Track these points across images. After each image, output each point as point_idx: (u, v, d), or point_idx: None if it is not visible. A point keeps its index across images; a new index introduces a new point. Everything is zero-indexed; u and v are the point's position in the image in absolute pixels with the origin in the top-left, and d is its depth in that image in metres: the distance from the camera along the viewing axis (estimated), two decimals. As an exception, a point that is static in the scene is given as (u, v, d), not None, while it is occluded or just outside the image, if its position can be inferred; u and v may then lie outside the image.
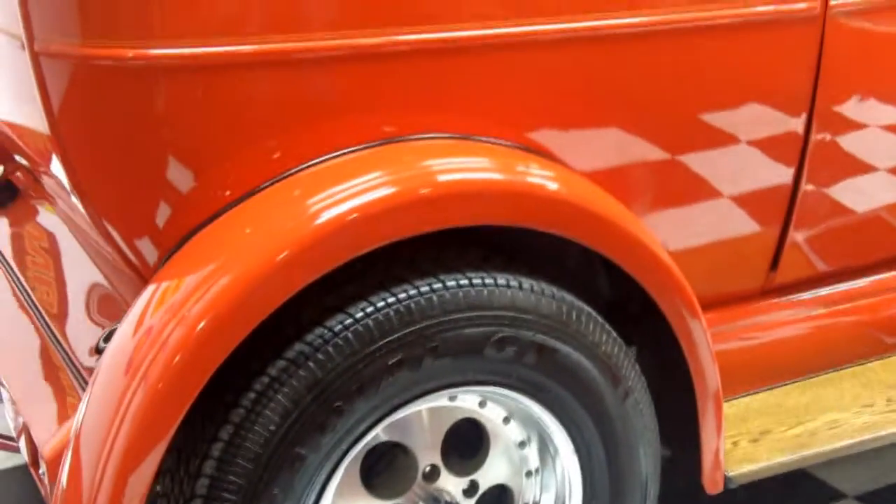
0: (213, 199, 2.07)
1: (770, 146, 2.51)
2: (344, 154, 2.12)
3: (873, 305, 2.86)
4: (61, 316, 2.70)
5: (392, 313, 1.98)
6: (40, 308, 2.73)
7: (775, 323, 2.74)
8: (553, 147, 2.29)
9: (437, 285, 2.02)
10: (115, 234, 2.11)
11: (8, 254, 3.06)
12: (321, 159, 2.10)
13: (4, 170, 3.16)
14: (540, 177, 2.18)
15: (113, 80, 1.97)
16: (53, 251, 2.99)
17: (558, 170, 2.24)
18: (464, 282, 2.05)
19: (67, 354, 2.50)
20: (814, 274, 2.77)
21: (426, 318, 2.00)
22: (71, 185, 2.09)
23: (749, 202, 2.55)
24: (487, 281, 2.07)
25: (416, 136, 2.17)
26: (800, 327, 2.78)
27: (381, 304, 1.99)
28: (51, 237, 3.01)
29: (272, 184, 2.08)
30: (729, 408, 2.64)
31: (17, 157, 2.96)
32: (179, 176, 2.04)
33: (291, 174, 2.09)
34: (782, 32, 2.43)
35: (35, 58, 1.97)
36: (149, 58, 1.93)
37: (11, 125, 2.55)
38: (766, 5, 2.39)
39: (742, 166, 2.51)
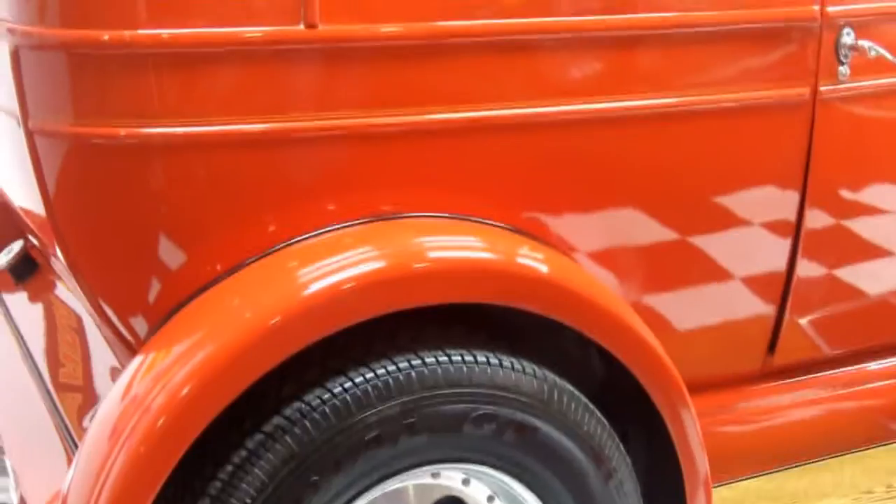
0: (204, 273, 2.12)
1: (764, 229, 2.53)
2: (334, 229, 2.16)
3: (876, 391, 2.85)
4: (66, 387, 2.75)
5: (370, 388, 2.01)
6: (46, 379, 2.78)
7: (774, 407, 2.73)
8: (546, 228, 2.32)
9: (416, 361, 2.05)
10: (109, 311, 2.16)
11: (24, 327, 3.12)
12: (312, 234, 2.15)
13: (24, 244, 3.23)
14: (528, 258, 2.21)
15: (105, 159, 2.02)
16: (68, 325, 3.04)
17: (547, 252, 2.26)
18: (443, 358, 2.07)
19: (67, 426, 2.54)
20: (813, 357, 2.76)
21: (403, 393, 2.02)
22: (66, 263, 2.14)
23: (745, 284, 2.56)
24: (467, 358, 2.08)
25: (408, 215, 2.21)
26: (799, 412, 2.76)
27: (358, 379, 2.01)
28: (66, 311, 3.07)
29: (262, 257, 2.12)
30: (727, 491, 2.63)
31: (30, 235, 3.03)
32: (171, 252, 2.09)
33: (282, 248, 2.13)
34: (773, 118, 2.46)
35: (30, 135, 2.03)
36: (141, 136, 1.99)
37: (20, 204, 2.62)
38: (756, 91, 2.41)
39: (737, 249, 2.52)
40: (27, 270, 3.25)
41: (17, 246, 3.16)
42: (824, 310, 2.69)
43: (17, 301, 3.25)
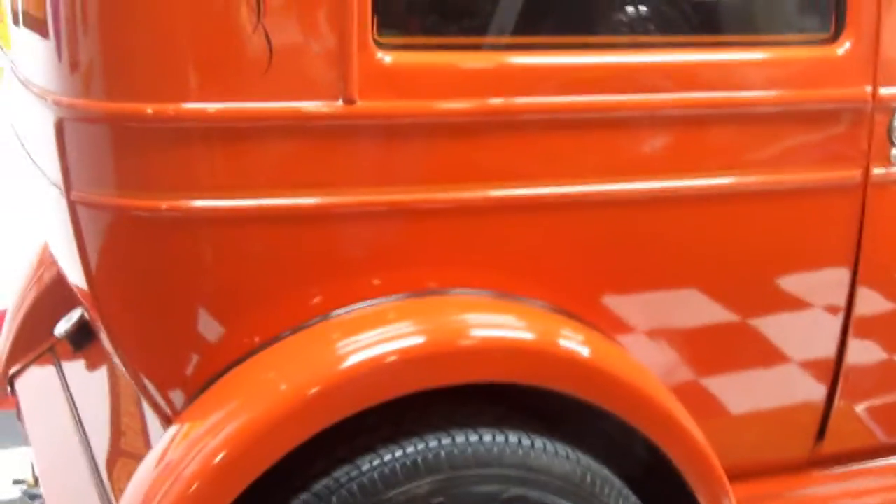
0: (242, 345, 2.13)
1: (815, 311, 2.48)
2: (375, 304, 2.16)
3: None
4: (114, 454, 2.77)
5: (398, 466, 1.99)
6: (93, 446, 2.80)
7: (823, 496, 2.67)
8: (592, 309, 2.30)
9: (447, 440, 2.03)
10: (148, 383, 2.17)
11: (79, 395, 3.15)
12: (351, 308, 2.15)
13: (82, 313, 3.27)
14: (570, 340, 2.20)
15: (146, 231, 2.05)
16: (122, 393, 3.07)
17: (590, 334, 2.24)
18: (474, 437, 2.05)
19: (108, 494, 2.55)
20: (864, 445, 2.69)
21: (432, 472, 2.00)
22: (107, 335, 2.17)
23: (794, 368, 2.51)
24: (498, 438, 2.07)
25: (453, 291, 2.20)
26: (849, 501, 2.69)
27: (388, 456, 2.00)
28: (121, 379, 3.10)
29: (302, 329, 2.13)
30: None
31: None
32: (210, 325, 2.11)
33: (321, 321, 2.14)
34: (825, 199, 2.43)
35: (72, 206, 2.06)
36: (183, 209, 2.02)
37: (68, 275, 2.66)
38: (808, 173, 2.39)
39: (786, 331, 2.48)
40: (84, 339, 3.28)
41: (75, 315, 3.20)
42: (876, 396, 2.63)
43: (75, 369, 3.29)
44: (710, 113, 2.31)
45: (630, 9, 2.31)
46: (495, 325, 2.19)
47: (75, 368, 3.30)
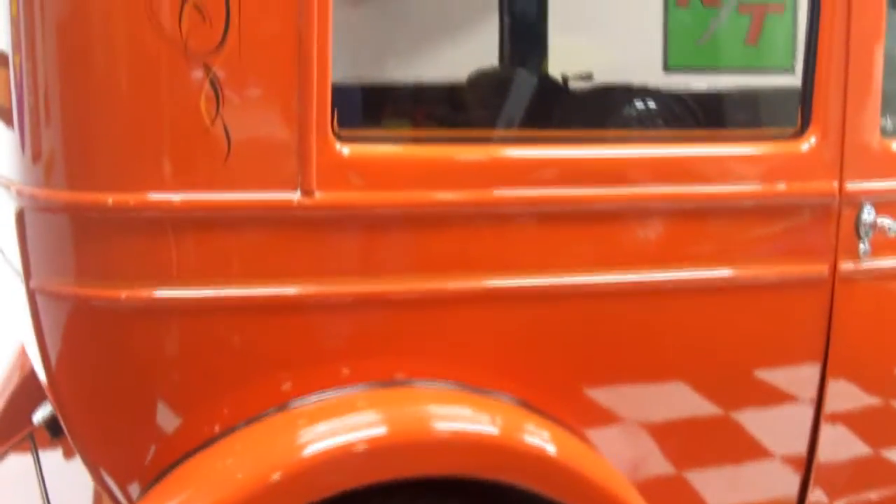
0: (200, 433, 2.11)
1: (785, 407, 2.47)
2: (339, 393, 2.15)
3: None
4: None
5: None
6: None
7: None
8: (558, 403, 2.29)
9: None
10: (106, 476, 2.16)
11: (53, 484, 3.13)
12: (314, 397, 2.14)
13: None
14: (534, 435, 2.19)
15: (105, 321, 2.05)
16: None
17: (554, 430, 2.23)
18: None
19: None
20: None
21: None
22: (66, 426, 2.15)
23: (765, 463, 2.49)
24: None
25: (416, 382, 2.20)
26: None
27: None
28: None
29: (261, 418, 2.12)
30: None
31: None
32: (169, 416, 2.10)
33: (281, 410, 2.13)
34: (793, 293, 2.42)
35: (31, 295, 2.07)
36: (142, 300, 2.02)
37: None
38: (775, 266, 2.38)
39: (758, 426, 2.46)
40: (61, 427, 3.27)
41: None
42: (849, 490, 2.59)
43: (52, 458, 3.27)
44: (675, 207, 2.31)
45: (576, 102, 2.33)
46: (459, 418, 2.18)
47: (52, 456, 3.28)
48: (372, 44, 2.96)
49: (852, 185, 2.40)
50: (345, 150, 2.05)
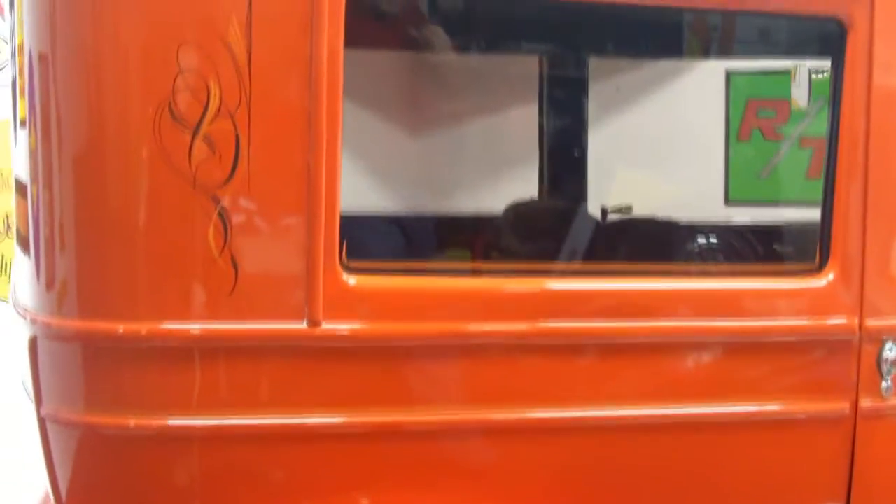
0: None
1: None
2: None
3: None
4: None
5: None
6: None
7: None
8: None
9: None
10: None
11: None
12: None
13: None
14: None
15: (114, 449, 2.07)
16: None
17: None
18: None
19: None
20: None
21: None
22: None
23: None
24: None
25: None
26: None
27: None
28: None
29: None
30: None
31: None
32: None
33: None
34: (814, 431, 2.38)
35: (42, 422, 2.09)
36: (151, 428, 2.04)
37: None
38: (795, 403, 2.35)
39: None
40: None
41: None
42: None
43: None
44: (693, 341, 2.30)
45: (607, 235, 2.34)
46: None
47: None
48: (385, 175, 3.00)
49: (873, 322, 2.37)
50: (351, 280, 2.07)
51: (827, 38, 2.34)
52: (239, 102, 1.97)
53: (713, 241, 2.90)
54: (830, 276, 2.34)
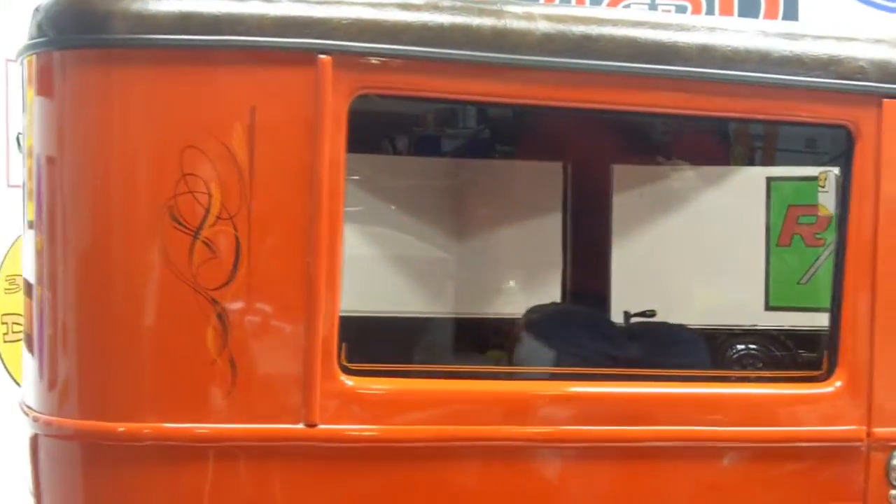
0: None
1: None
2: None
3: None
4: None
5: None
6: None
7: None
8: None
9: None
10: None
11: None
12: None
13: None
14: None
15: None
16: None
17: None
18: None
19: None
20: None
21: None
22: None
23: None
24: None
25: None
26: None
27: None
28: None
29: None
30: None
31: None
32: None
33: None
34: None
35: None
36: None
37: None
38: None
39: None
40: None
41: None
42: None
43: None
44: (694, 447, 2.27)
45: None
46: None
47: None
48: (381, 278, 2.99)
49: (881, 430, 2.34)
50: (349, 382, 2.07)
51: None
52: (240, 206, 2.00)
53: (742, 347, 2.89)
54: (838, 384, 2.32)
